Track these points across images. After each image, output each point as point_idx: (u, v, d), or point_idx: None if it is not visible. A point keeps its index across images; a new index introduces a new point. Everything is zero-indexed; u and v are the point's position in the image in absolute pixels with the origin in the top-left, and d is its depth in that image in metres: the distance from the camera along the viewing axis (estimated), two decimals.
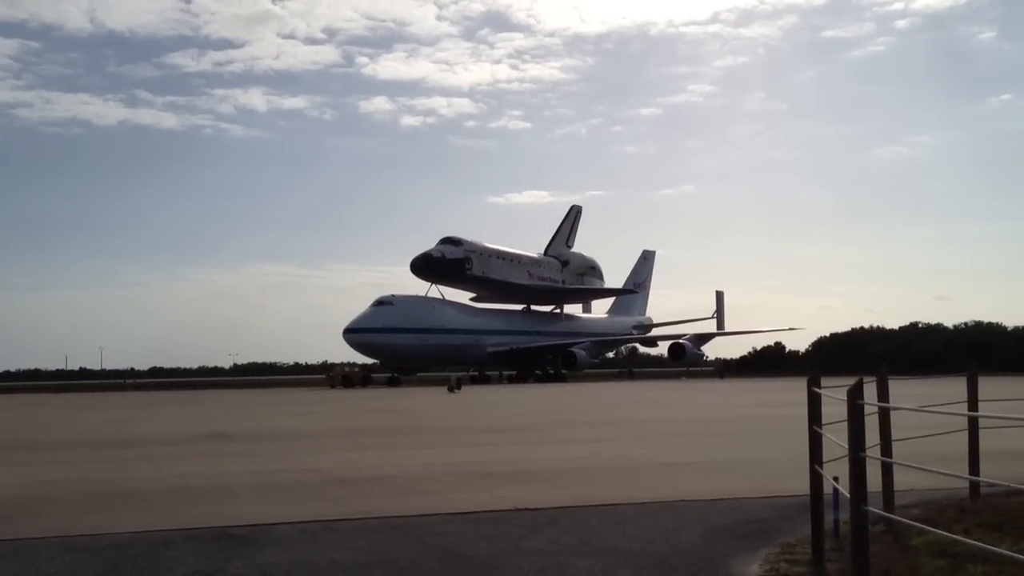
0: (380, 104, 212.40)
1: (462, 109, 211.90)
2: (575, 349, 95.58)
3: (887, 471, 9.35)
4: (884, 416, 9.32)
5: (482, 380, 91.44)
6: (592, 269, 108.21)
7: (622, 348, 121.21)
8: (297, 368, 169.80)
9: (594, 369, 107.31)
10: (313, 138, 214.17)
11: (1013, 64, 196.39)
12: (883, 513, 7.88)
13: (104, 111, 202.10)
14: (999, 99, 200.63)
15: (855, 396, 6.32)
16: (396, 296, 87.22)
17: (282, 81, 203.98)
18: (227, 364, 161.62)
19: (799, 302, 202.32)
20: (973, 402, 10.52)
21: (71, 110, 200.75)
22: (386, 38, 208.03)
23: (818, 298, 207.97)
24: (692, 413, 33.18)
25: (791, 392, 38.23)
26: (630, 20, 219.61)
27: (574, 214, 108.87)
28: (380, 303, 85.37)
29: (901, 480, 9.82)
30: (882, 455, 9.03)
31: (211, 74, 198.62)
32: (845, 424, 6.47)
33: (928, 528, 6.90)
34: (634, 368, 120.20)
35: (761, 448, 18.84)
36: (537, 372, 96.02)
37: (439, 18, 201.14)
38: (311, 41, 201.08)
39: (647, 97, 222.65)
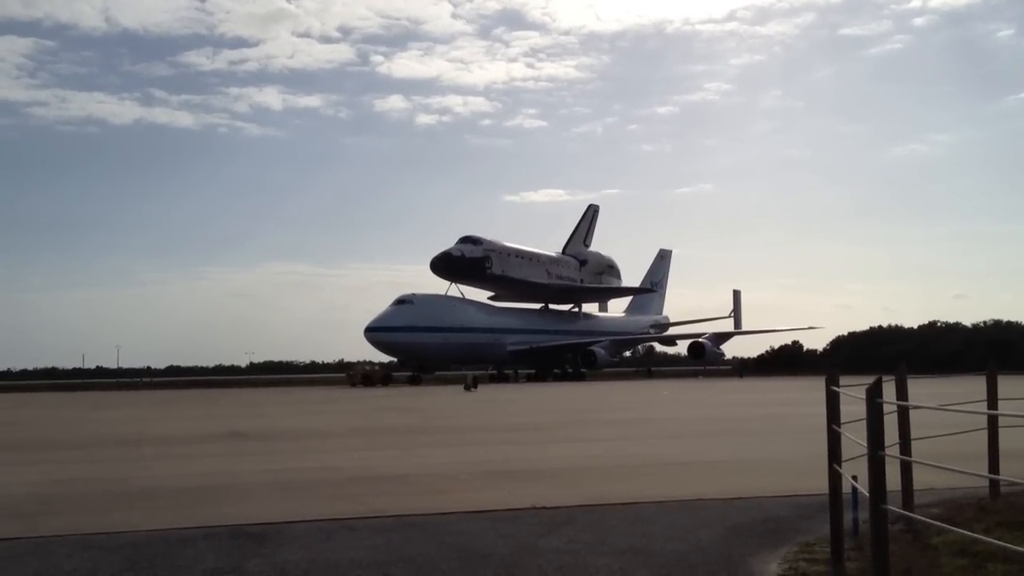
0: (395, 103, 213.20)
1: (477, 108, 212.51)
2: (595, 348, 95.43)
3: (906, 470, 9.28)
4: (903, 415, 9.25)
5: (500, 379, 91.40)
6: (610, 268, 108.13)
7: (639, 347, 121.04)
8: (313, 367, 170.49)
9: (612, 368, 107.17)
10: (328, 137, 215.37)
11: None
12: (902, 512, 7.83)
13: (119, 110, 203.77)
14: (1017, 97, 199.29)
15: (874, 395, 6.27)
16: (416, 295, 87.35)
17: (297, 80, 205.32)
18: (243, 363, 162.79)
19: (816, 301, 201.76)
20: (992, 401, 10.44)
21: (86, 109, 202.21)
22: (401, 36, 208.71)
23: (835, 297, 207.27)
24: (710, 412, 33.07)
25: (809, 391, 38.02)
26: (646, 18, 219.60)
27: (591, 213, 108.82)
28: (400, 302, 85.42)
29: (920, 479, 9.75)
30: (901, 454, 8.97)
31: (226, 73, 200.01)
32: (864, 423, 6.43)
33: (948, 527, 6.84)
34: (652, 367, 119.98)
35: (780, 447, 18.77)
36: (556, 371, 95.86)
37: (454, 16, 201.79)
38: (326, 40, 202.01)
39: (663, 95, 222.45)
